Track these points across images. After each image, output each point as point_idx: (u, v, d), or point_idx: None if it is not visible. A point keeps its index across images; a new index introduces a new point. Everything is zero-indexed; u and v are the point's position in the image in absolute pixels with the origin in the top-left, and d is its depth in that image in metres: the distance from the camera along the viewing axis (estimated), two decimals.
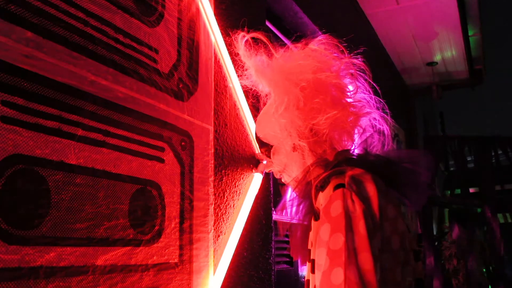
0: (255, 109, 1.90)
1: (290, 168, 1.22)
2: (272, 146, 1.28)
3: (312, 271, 1.03)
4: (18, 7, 0.98)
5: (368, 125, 1.20)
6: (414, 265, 1.05)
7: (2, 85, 0.93)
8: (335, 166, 1.11)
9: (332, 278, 0.91)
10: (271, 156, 1.28)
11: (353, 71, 1.19)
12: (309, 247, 1.12)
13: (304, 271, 2.70)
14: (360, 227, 0.94)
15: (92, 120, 1.14)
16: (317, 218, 1.04)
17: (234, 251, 1.68)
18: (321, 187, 1.06)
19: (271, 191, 2.05)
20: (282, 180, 1.30)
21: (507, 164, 6.20)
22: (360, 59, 1.19)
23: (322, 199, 1.04)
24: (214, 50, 1.73)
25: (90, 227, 1.10)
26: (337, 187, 1.00)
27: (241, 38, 1.30)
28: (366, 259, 0.91)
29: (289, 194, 1.25)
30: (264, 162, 1.77)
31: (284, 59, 1.22)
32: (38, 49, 1.02)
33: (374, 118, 1.20)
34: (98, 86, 1.17)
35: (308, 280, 1.11)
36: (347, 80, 1.20)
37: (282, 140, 1.21)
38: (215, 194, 1.63)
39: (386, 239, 0.99)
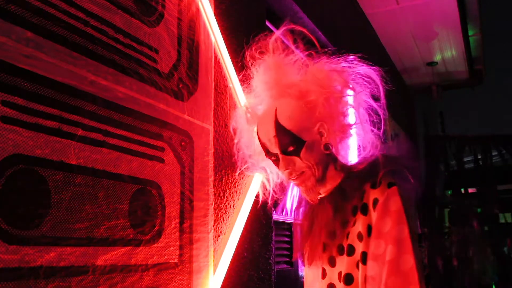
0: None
1: (317, 167, 1.20)
2: (303, 142, 1.19)
3: (363, 262, 1.11)
4: (18, 7, 0.98)
5: (374, 132, 1.26)
6: None
7: (2, 85, 0.93)
8: (370, 167, 1.19)
9: (401, 264, 1.05)
10: (301, 152, 1.19)
11: (370, 86, 1.24)
12: (349, 242, 1.14)
13: (303, 271, 2.70)
14: (410, 220, 1.09)
15: (92, 120, 1.14)
16: (365, 212, 1.13)
17: (234, 251, 1.68)
18: (374, 184, 1.15)
19: None
20: (293, 180, 1.23)
21: (506, 164, 6.20)
22: (378, 77, 1.23)
23: (376, 195, 1.13)
24: (214, 50, 1.73)
25: (90, 227, 1.10)
26: (390, 184, 1.13)
27: (277, 36, 1.31)
28: (416, 248, 1.07)
29: (292, 194, 1.27)
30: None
31: (325, 64, 1.25)
32: (38, 49, 1.02)
33: (380, 130, 1.27)
34: (98, 86, 1.17)
35: (348, 274, 1.13)
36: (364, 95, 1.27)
37: (317, 137, 1.20)
38: (215, 194, 1.63)
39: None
